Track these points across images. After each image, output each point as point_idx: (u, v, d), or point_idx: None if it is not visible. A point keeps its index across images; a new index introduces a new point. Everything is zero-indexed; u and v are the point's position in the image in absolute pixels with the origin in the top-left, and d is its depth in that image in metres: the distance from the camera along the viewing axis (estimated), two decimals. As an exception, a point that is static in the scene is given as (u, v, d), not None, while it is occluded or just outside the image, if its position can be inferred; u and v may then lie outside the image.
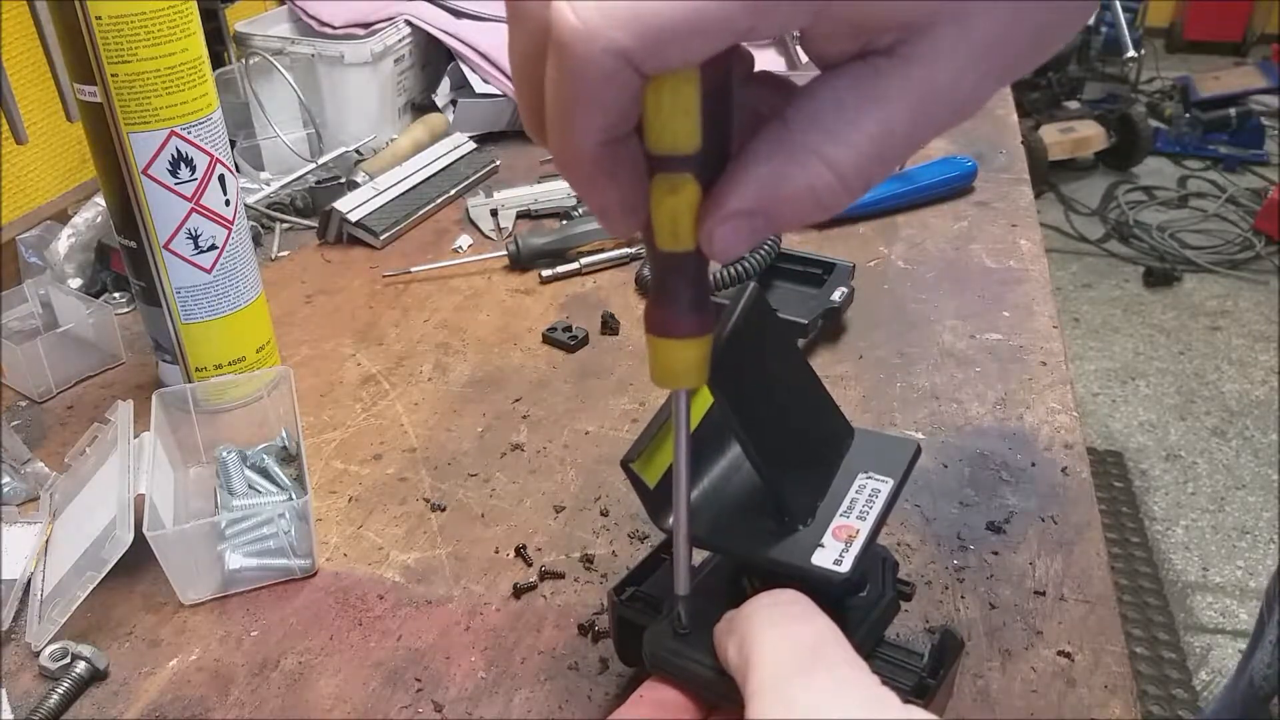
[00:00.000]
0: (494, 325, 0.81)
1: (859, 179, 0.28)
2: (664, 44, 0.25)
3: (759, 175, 0.29)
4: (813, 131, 0.28)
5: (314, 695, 0.50)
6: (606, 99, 0.27)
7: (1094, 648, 0.51)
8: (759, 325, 0.40)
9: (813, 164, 0.28)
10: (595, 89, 0.26)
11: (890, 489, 0.41)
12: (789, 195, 0.29)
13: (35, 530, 0.60)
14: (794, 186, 0.29)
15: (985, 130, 1.13)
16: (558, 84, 0.27)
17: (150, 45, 0.58)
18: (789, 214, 0.29)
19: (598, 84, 0.26)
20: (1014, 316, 0.79)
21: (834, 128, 0.28)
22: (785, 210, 0.29)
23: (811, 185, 0.28)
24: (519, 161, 1.09)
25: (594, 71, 0.26)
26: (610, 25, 0.25)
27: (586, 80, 0.26)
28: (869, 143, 0.28)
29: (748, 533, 0.40)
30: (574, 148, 0.28)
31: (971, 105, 0.29)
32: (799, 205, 0.29)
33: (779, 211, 0.29)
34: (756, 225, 0.29)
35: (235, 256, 0.67)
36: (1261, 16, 4.50)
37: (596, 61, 0.26)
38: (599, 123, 0.27)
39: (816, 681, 0.32)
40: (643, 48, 0.25)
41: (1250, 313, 2.87)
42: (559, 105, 0.28)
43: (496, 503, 0.62)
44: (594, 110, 0.27)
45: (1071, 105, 3.70)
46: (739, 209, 0.29)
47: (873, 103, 0.28)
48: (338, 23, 1.11)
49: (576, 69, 0.26)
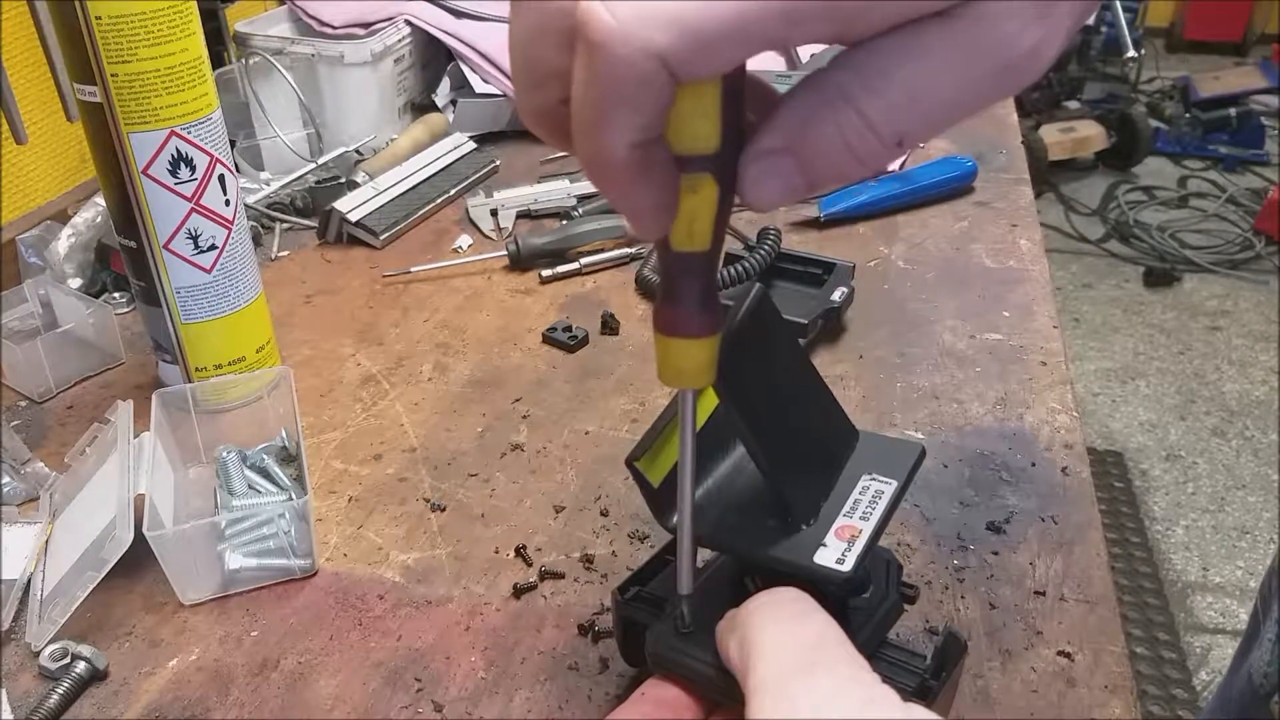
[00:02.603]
0: (494, 325, 0.81)
1: (890, 129, 0.28)
2: (703, 49, 0.25)
3: (791, 115, 0.28)
4: (848, 77, 0.28)
5: (314, 695, 0.50)
6: (642, 102, 0.26)
7: (1094, 648, 0.51)
8: (764, 325, 0.40)
9: (844, 108, 0.28)
10: (631, 92, 0.26)
11: (894, 491, 0.41)
12: (819, 137, 0.28)
13: (35, 530, 0.60)
14: (824, 129, 0.28)
15: (985, 130, 1.13)
16: (588, 85, 0.26)
17: (150, 45, 0.58)
18: (822, 160, 0.29)
19: (633, 86, 0.25)
20: (1014, 316, 0.79)
21: (869, 76, 0.27)
22: (817, 154, 0.28)
23: (841, 129, 0.28)
24: (519, 161, 1.09)
25: (630, 73, 0.25)
26: (648, 26, 0.25)
27: (622, 82, 0.25)
28: (903, 93, 0.27)
29: (751, 532, 0.40)
30: (606, 151, 0.27)
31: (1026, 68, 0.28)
32: (830, 150, 0.28)
33: (811, 155, 0.28)
34: (788, 168, 0.29)
35: (235, 256, 0.67)
36: (1261, 16, 4.50)
37: (633, 63, 0.25)
38: (633, 125, 0.27)
39: (817, 679, 0.32)
40: (682, 51, 0.25)
41: (1250, 313, 2.87)
42: (590, 108, 0.27)
43: (496, 503, 0.62)
44: (628, 113, 0.26)
45: (1072, 105, 3.70)
46: (770, 147, 0.29)
47: (912, 54, 0.27)
48: (338, 23, 1.11)
49: (611, 71, 0.25)
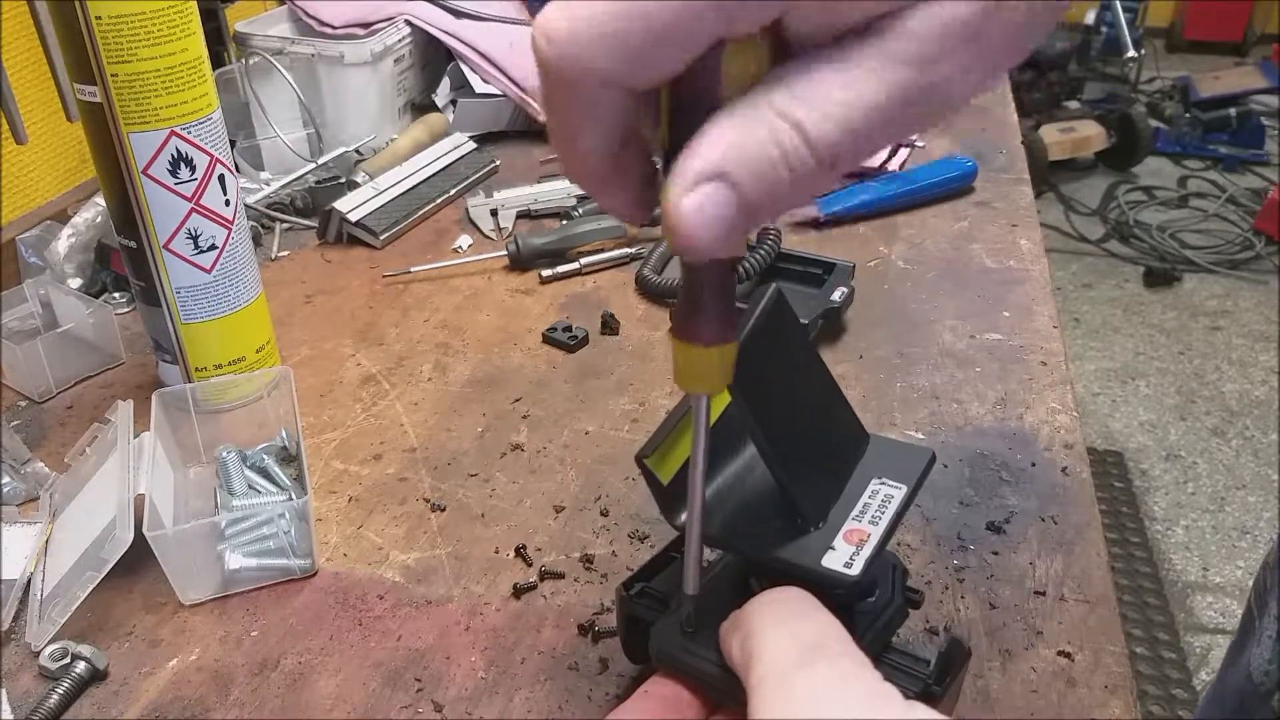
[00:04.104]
0: (494, 325, 0.81)
1: (825, 144, 0.27)
2: (639, 57, 0.26)
3: (722, 133, 0.28)
4: (778, 93, 0.27)
5: (314, 695, 0.50)
6: (599, 115, 0.28)
7: (1094, 648, 0.51)
8: (780, 327, 0.40)
9: (777, 122, 0.27)
10: (586, 109, 0.28)
11: (903, 495, 0.41)
12: (754, 154, 0.27)
13: (35, 530, 0.60)
14: (758, 143, 0.27)
15: (985, 130, 1.13)
16: (549, 104, 0.28)
17: (150, 45, 0.58)
18: (757, 180, 0.27)
19: (585, 105, 0.27)
20: (1014, 316, 0.79)
21: (800, 90, 0.27)
22: (753, 174, 0.27)
23: (778, 142, 0.27)
24: (519, 161, 1.09)
25: (578, 94, 0.27)
26: (582, 49, 0.26)
27: (577, 103, 0.27)
28: (835, 106, 0.27)
29: (759, 533, 0.40)
30: (580, 160, 0.30)
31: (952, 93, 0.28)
32: (767, 167, 0.27)
33: (746, 176, 0.27)
34: (726, 193, 0.27)
35: (235, 256, 0.67)
36: (1261, 16, 4.50)
37: (577, 85, 0.27)
38: (598, 136, 0.29)
39: (818, 675, 0.32)
40: (619, 65, 0.26)
41: (1250, 313, 2.87)
42: (558, 124, 0.29)
43: (496, 503, 0.62)
44: (590, 127, 0.28)
45: (1071, 105, 3.70)
46: (702, 170, 0.27)
47: (839, 68, 0.27)
48: (338, 23, 1.11)
49: (564, 93, 0.27)
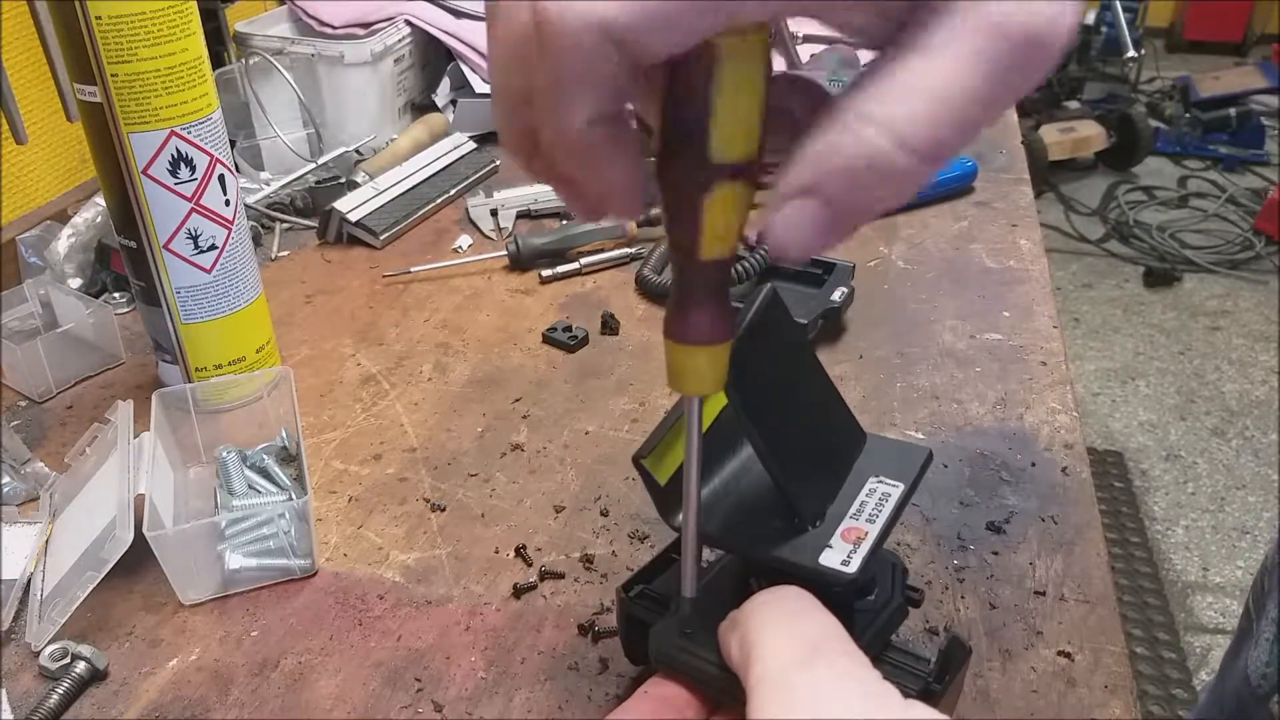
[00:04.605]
0: (494, 325, 0.81)
1: (917, 138, 0.26)
2: (652, 18, 0.25)
3: (812, 150, 0.27)
4: (859, 98, 0.27)
5: (314, 695, 0.50)
6: (596, 76, 0.26)
7: (1094, 648, 0.51)
8: (775, 327, 0.40)
9: (863, 128, 0.27)
10: (583, 67, 0.26)
11: (901, 494, 0.41)
12: (844, 165, 0.27)
13: (35, 530, 0.60)
14: (848, 154, 0.27)
15: (985, 130, 1.12)
16: (543, 63, 0.26)
17: (150, 45, 0.58)
18: (850, 190, 0.27)
19: (585, 61, 0.26)
20: (1014, 316, 0.79)
21: (879, 90, 0.27)
22: (844, 185, 0.27)
23: (866, 150, 0.27)
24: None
25: (579, 48, 0.25)
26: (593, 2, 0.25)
27: (573, 57, 0.26)
28: (918, 98, 0.26)
29: (757, 532, 0.40)
30: (565, 129, 0.28)
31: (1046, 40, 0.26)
32: (858, 176, 0.27)
33: (838, 187, 0.27)
34: (816, 208, 0.28)
35: (235, 256, 0.67)
36: (1261, 16, 4.50)
37: (580, 37, 0.25)
38: (590, 100, 0.27)
39: (817, 674, 0.32)
40: (629, 21, 0.25)
41: (1250, 313, 2.87)
42: (546, 87, 0.27)
43: (496, 503, 0.62)
44: (584, 89, 0.27)
45: (1071, 105, 3.70)
46: (796, 185, 0.28)
47: (915, 56, 0.26)
48: (338, 23, 1.11)
49: (561, 46, 0.25)
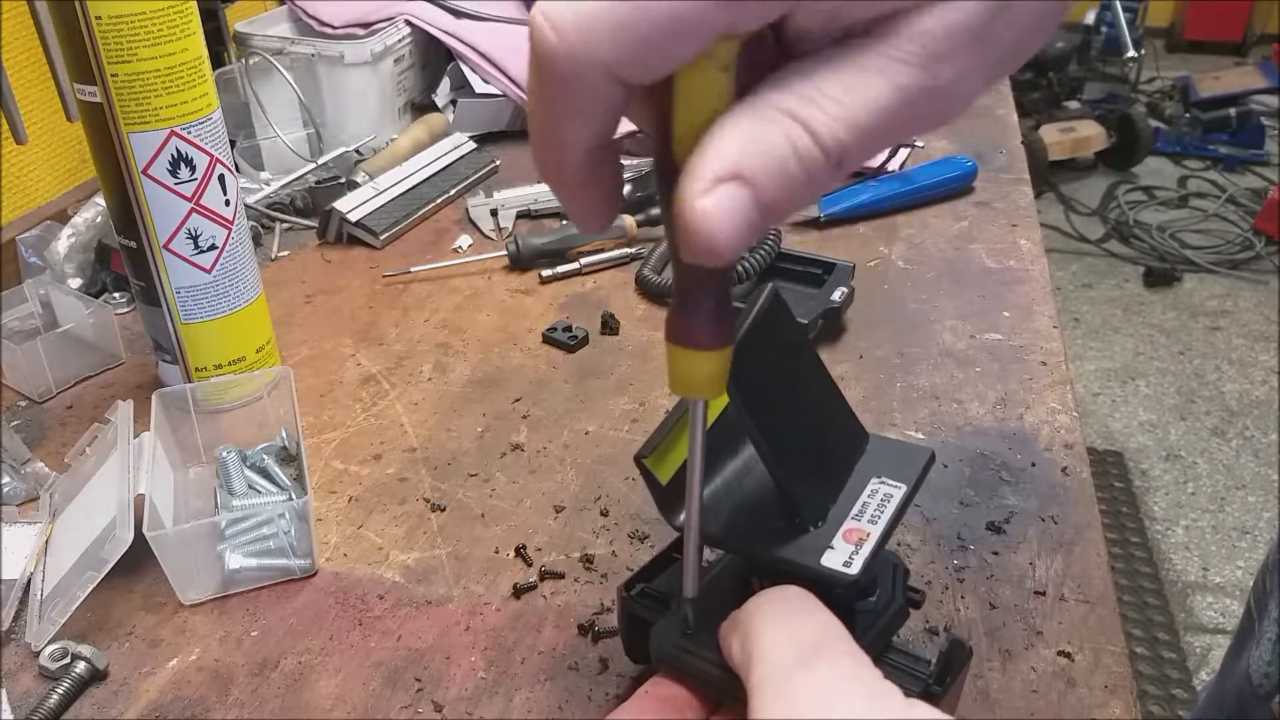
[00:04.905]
0: (494, 325, 0.81)
1: (835, 143, 0.27)
2: (645, 52, 0.25)
3: (733, 135, 0.27)
4: (783, 95, 0.27)
5: (314, 695, 0.50)
6: (593, 112, 0.27)
7: (1094, 648, 0.51)
8: (777, 327, 0.40)
9: (787, 122, 0.27)
10: (581, 104, 0.27)
11: (903, 495, 0.41)
12: (769, 153, 0.27)
13: (35, 530, 0.60)
14: (771, 143, 0.27)
15: (985, 130, 1.13)
16: (541, 98, 0.27)
17: (150, 45, 0.58)
18: (773, 178, 0.27)
19: (583, 99, 0.27)
20: (1014, 316, 0.79)
21: (805, 93, 0.27)
22: (768, 173, 0.27)
23: (789, 140, 0.27)
24: (519, 161, 1.09)
25: (579, 87, 0.26)
26: (590, 39, 0.25)
27: (572, 96, 0.27)
28: (841, 108, 0.27)
29: (758, 532, 0.40)
30: (563, 159, 0.29)
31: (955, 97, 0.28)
32: (782, 166, 0.27)
33: (762, 175, 0.27)
34: (741, 195, 0.27)
35: (235, 256, 0.67)
36: (1261, 16, 4.50)
37: (580, 78, 0.26)
38: (587, 133, 0.28)
39: (819, 675, 0.32)
40: (626, 57, 0.25)
41: (1250, 313, 2.87)
42: (545, 119, 0.28)
43: (496, 503, 0.62)
44: (581, 123, 0.28)
45: (1071, 105, 3.70)
46: (718, 171, 0.27)
47: (844, 69, 0.27)
48: (338, 23, 1.11)
49: (560, 85, 0.26)
